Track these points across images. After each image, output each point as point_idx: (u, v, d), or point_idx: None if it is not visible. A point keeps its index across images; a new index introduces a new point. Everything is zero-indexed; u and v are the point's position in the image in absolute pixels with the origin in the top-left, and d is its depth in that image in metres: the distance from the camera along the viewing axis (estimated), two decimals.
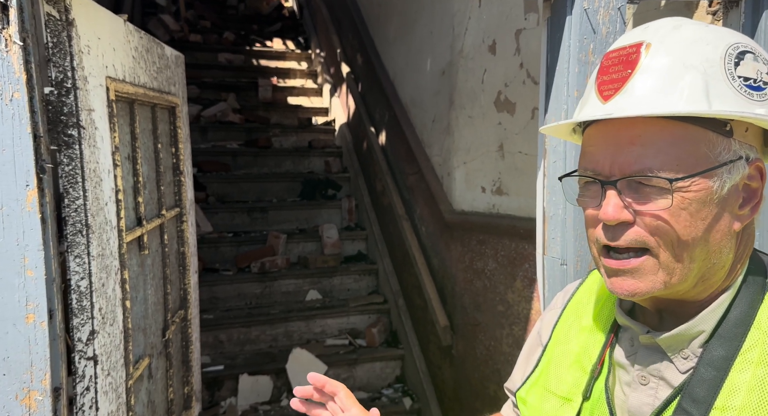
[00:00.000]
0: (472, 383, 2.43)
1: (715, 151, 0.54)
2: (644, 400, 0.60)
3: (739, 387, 0.53)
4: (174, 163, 1.81)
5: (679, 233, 0.54)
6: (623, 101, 0.55)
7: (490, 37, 2.26)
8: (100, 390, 1.16)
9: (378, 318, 3.32)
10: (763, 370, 0.53)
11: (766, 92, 0.54)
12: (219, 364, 2.96)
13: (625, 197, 0.55)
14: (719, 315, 0.57)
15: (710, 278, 0.57)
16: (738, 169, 0.54)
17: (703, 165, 0.53)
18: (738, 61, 0.54)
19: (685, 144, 0.53)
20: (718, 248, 0.55)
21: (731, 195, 0.55)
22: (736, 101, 0.53)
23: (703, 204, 0.54)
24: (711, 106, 0.53)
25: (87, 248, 1.10)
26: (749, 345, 0.55)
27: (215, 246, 3.52)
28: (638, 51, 0.56)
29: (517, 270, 2.08)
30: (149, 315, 1.56)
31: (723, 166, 0.54)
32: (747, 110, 0.53)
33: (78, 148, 1.05)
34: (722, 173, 0.54)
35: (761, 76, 0.54)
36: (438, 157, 2.81)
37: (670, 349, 0.59)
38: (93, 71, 1.10)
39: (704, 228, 0.54)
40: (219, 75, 4.96)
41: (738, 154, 0.54)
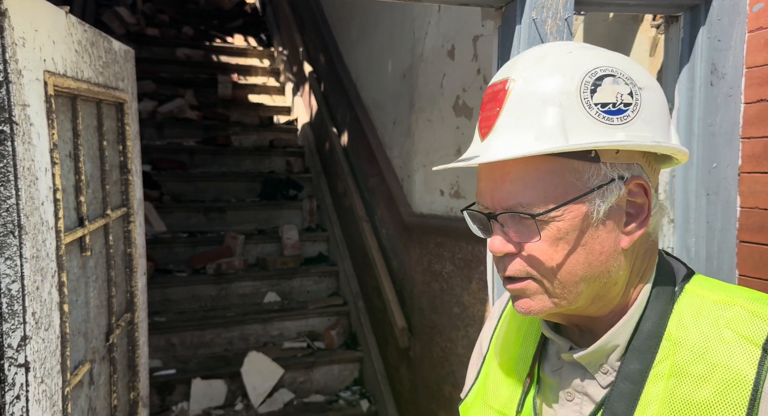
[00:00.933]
0: (429, 384, 2.44)
1: (582, 179, 0.54)
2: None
3: (652, 400, 0.54)
4: (121, 161, 1.74)
5: (559, 261, 0.55)
6: (493, 140, 0.56)
7: (449, 42, 2.27)
8: (32, 399, 1.10)
9: (337, 320, 3.29)
10: (672, 382, 0.54)
11: (627, 114, 0.54)
12: (171, 368, 2.88)
13: (509, 230, 0.56)
14: (631, 328, 0.57)
15: (605, 296, 0.58)
16: (612, 191, 0.54)
17: (572, 193, 0.54)
18: (595, 87, 0.54)
19: (550, 177, 0.54)
20: (604, 269, 0.56)
21: (612, 215, 0.55)
22: (594, 130, 0.53)
23: (580, 231, 0.54)
24: (568, 140, 0.53)
25: (19, 250, 1.04)
26: (661, 357, 0.55)
27: (169, 246, 3.42)
28: (504, 88, 0.56)
29: (472, 273, 2.10)
30: (91, 318, 1.49)
31: (593, 191, 0.54)
32: (604, 139, 0.53)
33: (10, 144, 0.99)
34: (594, 198, 0.54)
35: (620, 98, 0.54)
36: (399, 159, 2.81)
37: (590, 366, 0.59)
38: (28, 64, 1.04)
39: (586, 253, 0.55)
40: (177, 70, 4.83)
41: (610, 177, 0.54)
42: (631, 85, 0.54)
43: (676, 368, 0.54)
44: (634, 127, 0.54)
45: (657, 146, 0.54)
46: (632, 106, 0.54)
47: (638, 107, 0.54)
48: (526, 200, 0.54)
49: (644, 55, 1.47)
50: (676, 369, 0.54)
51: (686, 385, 0.53)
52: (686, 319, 0.56)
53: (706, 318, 0.55)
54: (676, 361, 0.54)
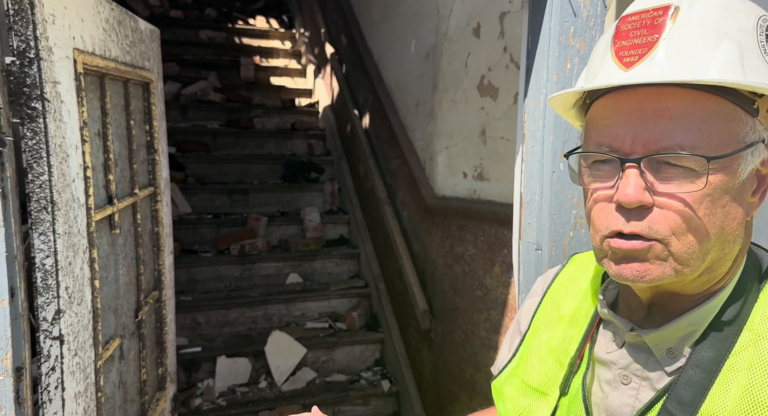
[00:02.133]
0: (450, 366, 2.45)
1: (743, 131, 0.49)
2: (625, 401, 0.56)
3: (727, 392, 0.50)
4: (148, 140, 1.77)
5: (701, 221, 0.49)
6: (649, 69, 0.49)
7: (475, 20, 2.23)
8: (66, 371, 1.14)
9: (359, 302, 3.32)
10: (751, 376, 0.49)
11: None
12: (197, 346, 2.94)
13: (650, 177, 0.50)
14: (714, 313, 0.53)
15: (716, 270, 0.53)
16: (759, 152, 0.50)
17: (733, 145, 0.49)
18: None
19: (717, 120, 0.48)
20: (731, 237, 0.51)
21: (747, 180, 0.51)
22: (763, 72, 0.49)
23: (725, 190, 0.49)
24: (746, 77, 0.48)
25: (52, 225, 1.06)
26: (740, 347, 0.51)
27: (194, 227, 3.47)
28: (665, 14, 0.50)
29: (496, 256, 2.09)
30: (121, 295, 1.53)
31: (748, 147, 0.49)
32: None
33: (42, 121, 1.01)
34: (747, 155, 0.50)
35: None
36: (421, 141, 2.79)
37: (657, 348, 0.55)
38: (58, 42, 1.06)
39: (723, 216, 0.50)
40: (200, 52, 4.85)
41: (761, 136, 0.50)
42: None
43: (755, 361, 0.49)
44: None
45: None
46: None
47: None
48: (689, 142, 0.48)
49: None
50: (755, 362, 0.49)
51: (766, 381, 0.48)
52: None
53: None
54: (757, 354, 0.49)
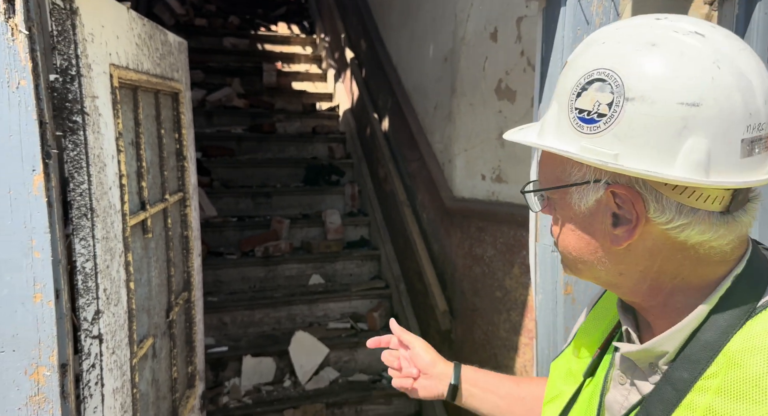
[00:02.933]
0: None
1: (566, 173, 0.57)
2: (617, 398, 0.61)
3: (693, 410, 0.52)
4: (177, 148, 1.84)
5: (557, 235, 0.61)
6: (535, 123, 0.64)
7: (492, 25, 2.25)
8: (105, 368, 1.21)
9: (379, 302, 3.36)
10: (717, 400, 0.50)
11: (598, 125, 0.51)
12: (223, 346, 3.03)
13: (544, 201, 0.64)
14: (682, 337, 0.55)
15: (619, 286, 0.59)
16: (587, 192, 0.55)
17: (556, 182, 0.59)
18: (581, 91, 0.53)
19: (549, 164, 0.59)
20: (595, 258, 0.58)
21: (597, 213, 0.56)
22: (566, 134, 0.54)
23: (569, 217, 0.58)
24: (544, 138, 0.57)
25: (92, 231, 1.13)
26: (712, 371, 0.52)
27: (220, 230, 3.56)
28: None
29: (515, 257, 2.11)
30: (153, 296, 1.60)
31: (571, 186, 0.56)
32: (563, 146, 0.54)
33: (82, 133, 1.08)
34: (572, 192, 0.57)
35: (597, 107, 0.51)
36: (439, 144, 2.82)
37: (639, 362, 0.59)
38: (97, 59, 1.13)
39: (576, 238, 0.58)
40: (224, 59, 4.97)
41: (586, 179, 0.55)
42: (617, 94, 0.50)
43: (725, 386, 0.50)
44: (601, 141, 0.51)
45: (603, 165, 0.51)
46: (606, 117, 0.51)
47: (613, 120, 0.50)
48: (540, 179, 0.62)
49: None
50: (725, 387, 0.50)
51: (731, 406, 0.49)
52: (756, 339, 0.51)
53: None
54: (728, 380, 0.50)
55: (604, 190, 0.54)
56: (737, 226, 0.53)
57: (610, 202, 0.54)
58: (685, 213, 0.52)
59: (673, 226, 0.52)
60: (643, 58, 0.50)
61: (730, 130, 0.49)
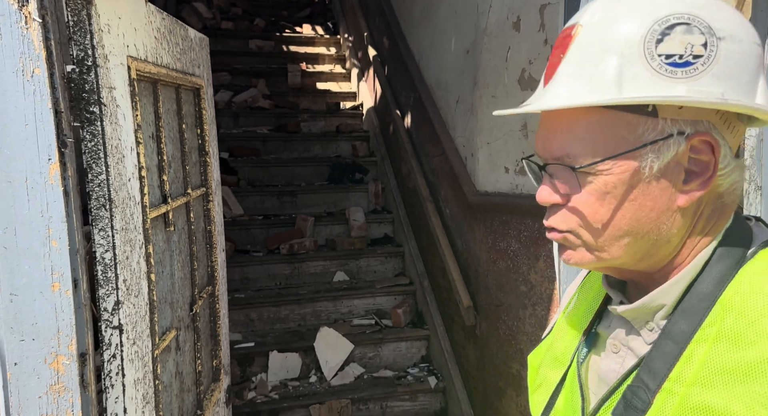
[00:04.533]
0: (496, 363, 2.43)
1: (635, 133, 0.53)
2: (612, 367, 0.61)
3: (693, 360, 0.53)
4: (199, 143, 1.86)
5: (603, 215, 0.55)
6: (552, 88, 0.55)
7: (515, 14, 2.21)
8: (126, 358, 1.22)
9: (404, 299, 3.34)
10: (716, 347, 0.52)
11: (695, 66, 0.50)
12: (250, 341, 3.06)
13: (557, 181, 0.57)
14: (680, 289, 0.56)
15: (655, 254, 0.56)
16: (669, 147, 0.52)
17: (621, 147, 0.53)
18: (662, 37, 0.51)
19: (600, 129, 0.53)
20: (654, 226, 0.55)
21: (669, 172, 0.53)
22: (653, 83, 0.51)
23: (629, 185, 0.54)
24: (621, 92, 0.51)
25: (110, 222, 1.14)
26: (710, 320, 0.53)
27: (246, 228, 3.61)
28: (570, 34, 0.55)
29: (539, 251, 2.06)
30: (176, 289, 1.62)
31: (646, 146, 0.52)
32: (659, 93, 0.51)
33: (100, 124, 1.09)
34: (646, 153, 0.53)
35: (690, 49, 0.50)
36: (462, 138, 2.78)
37: (635, 321, 0.59)
38: (114, 50, 1.14)
39: (634, 209, 0.54)
40: (250, 61, 5.03)
41: (667, 132, 0.52)
42: (708, 35, 0.50)
43: (723, 332, 0.52)
44: (702, 82, 0.50)
45: (722, 103, 0.50)
46: (703, 58, 0.50)
47: (711, 60, 0.50)
48: (574, 152, 0.54)
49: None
50: (722, 333, 0.52)
51: (729, 349, 0.50)
52: (749, 285, 0.52)
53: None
54: (725, 326, 0.52)
55: (686, 141, 0.52)
56: (741, 171, 0.56)
57: (684, 156, 0.53)
58: (732, 157, 0.54)
59: (727, 171, 0.54)
60: (711, 2, 0.52)
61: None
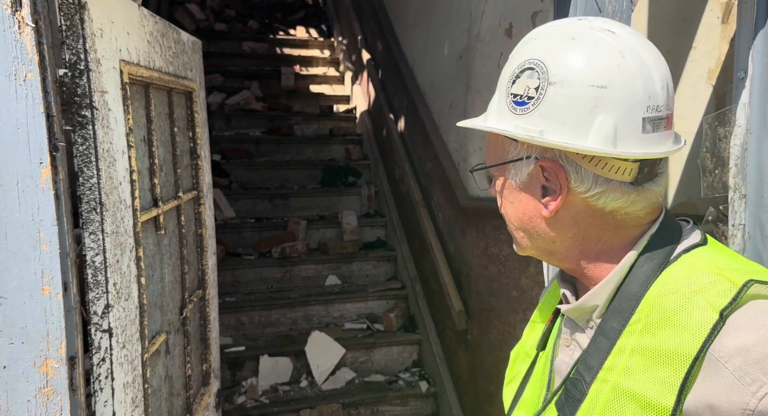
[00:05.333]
0: (487, 367, 2.44)
1: (504, 152, 0.67)
2: (565, 359, 0.69)
3: (623, 351, 0.60)
4: (191, 146, 1.86)
5: (502, 208, 0.70)
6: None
7: (507, 20, 2.23)
8: (115, 362, 1.22)
9: (396, 303, 3.34)
10: (641, 339, 0.59)
11: (528, 106, 0.61)
12: (241, 345, 3.05)
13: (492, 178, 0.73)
14: (608, 290, 0.64)
15: (553, 252, 0.67)
16: (521, 166, 0.65)
17: (497, 160, 0.68)
18: (516, 79, 0.63)
19: (492, 146, 0.69)
20: (531, 226, 0.67)
21: (530, 186, 0.65)
22: (504, 116, 0.64)
23: (508, 190, 0.68)
24: (487, 121, 0.67)
25: (101, 225, 1.14)
26: (637, 317, 0.61)
27: (238, 231, 3.59)
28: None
29: (530, 256, 2.07)
30: (166, 293, 1.62)
31: (507, 163, 0.66)
32: (499, 126, 0.64)
33: (91, 128, 1.09)
34: (510, 168, 0.66)
35: (527, 91, 0.61)
36: (454, 142, 2.79)
37: (578, 320, 0.68)
38: (106, 54, 1.14)
39: (514, 209, 0.68)
40: (243, 63, 5.02)
41: (521, 155, 0.64)
42: (543, 80, 0.60)
43: (647, 326, 0.59)
44: (529, 120, 0.61)
45: (531, 139, 0.61)
46: (534, 99, 0.61)
47: (539, 101, 0.60)
48: (486, 160, 0.71)
49: (716, 22, 1.37)
50: (646, 327, 0.59)
51: (651, 341, 0.58)
52: (668, 285, 0.60)
53: (686, 286, 0.58)
54: (649, 321, 0.59)
55: (534, 164, 0.63)
56: (648, 195, 0.63)
57: (539, 175, 0.64)
58: (600, 183, 0.61)
59: (591, 195, 0.62)
60: (564, 49, 0.61)
61: (633, 110, 0.59)
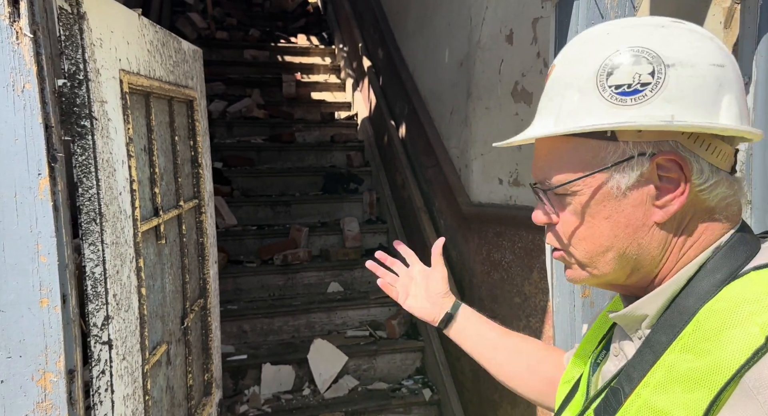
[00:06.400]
0: (490, 375, 2.41)
1: (598, 156, 0.57)
2: (610, 369, 0.66)
3: (662, 366, 0.56)
4: (192, 155, 1.85)
5: (585, 232, 0.59)
6: (535, 122, 0.63)
7: (507, 27, 2.22)
8: (115, 374, 1.21)
9: (398, 310, 3.32)
10: (680, 356, 0.54)
11: (644, 93, 0.55)
12: (243, 354, 3.03)
13: (546, 203, 0.62)
14: (661, 301, 0.59)
15: (642, 268, 0.59)
16: (633, 167, 0.56)
17: (588, 169, 0.58)
18: (612, 70, 0.56)
19: (568, 155, 0.59)
20: (632, 240, 0.58)
21: (639, 190, 0.57)
22: (605, 111, 0.56)
23: (602, 203, 0.58)
24: (578, 122, 0.57)
25: (101, 236, 1.13)
26: (684, 333, 0.56)
27: (240, 238, 3.59)
28: (549, 72, 0.62)
29: (534, 262, 2.05)
30: (167, 303, 1.60)
31: (609, 167, 0.57)
32: (611, 120, 0.55)
33: (91, 138, 1.08)
34: (611, 173, 0.57)
35: (638, 78, 0.55)
36: (456, 149, 2.79)
37: (626, 328, 0.63)
38: (105, 63, 1.14)
39: (610, 226, 0.58)
40: (244, 71, 5.03)
41: (628, 154, 0.56)
42: (656, 64, 0.54)
43: (687, 344, 0.54)
44: (651, 107, 0.54)
45: (665, 125, 0.54)
46: (651, 85, 0.54)
47: (659, 86, 0.54)
48: (550, 175, 0.60)
49: (719, 27, 1.37)
50: (687, 345, 0.54)
51: (687, 359, 0.53)
52: (723, 302, 0.54)
53: (742, 305, 0.52)
54: (692, 338, 0.54)
55: (650, 161, 0.56)
56: (742, 188, 0.59)
57: (652, 174, 0.56)
58: (714, 172, 0.56)
59: (707, 186, 0.56)
60: (662, 35, 0.55)
61: (741, 90, 0.57)
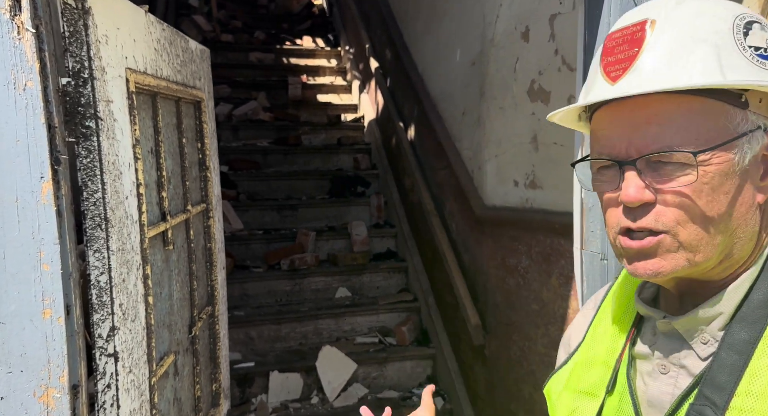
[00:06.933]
0: (506, 384, 2.34)
1: (733, 123, 0.53)
2: (664, 389, 0.58)
3: (761, 373, 0.50)
4: (200, 158, 1.80)
5: (703, 209, 0.52)
6: (633, 80, 0.54)
7: (523, 24, 2.16)
8: (121, 388, 1.15)
9: (408, 316, 3.26)
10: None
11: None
12: (250, 361, 2.97)
13: (645, 177, 0.54)
14: (740, 295, 0.54)
15: (735, 254, 0.55)
16: (757, 139, 0.53)
17: (723, 137, 0.52)
18: (747, 31, 0.53)
19: (703, 118, 0.52)
20: (742, 221, 0.54)
21: (752, 166, 0.54)
22: (749, 71, 0.52)
23: (726, 177, 0.52)
24: (726, 77, 0.52)
25: (106, 242, 1.07)
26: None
27: (246, 243, 3.53)
28: (643, 29, 0.55)
29: (552, 268, 1.99)
30: (174, 311, 1.54)
31: (742, 136, 0.52)
32: (761, 79, 0.52)
33: (96, 139, 1.03)
34: (742, 144, 0.53)
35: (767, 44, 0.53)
36: (468, 150, 2.72)
37: (688, 334, 0.56)
38: (111, 61, 1.08)
39: (728, 202, 0.53)
40: (250, 74, 4.99)
41: (756, 124, 0.53)
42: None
43: None
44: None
45: None
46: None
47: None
48: (678, 141, 0.52)
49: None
50: None
51: None
52: None
53: None
54: None
55: (765, 136, 0.54)
56: None
57: (762, 150, 0.54)
58: None
59: None
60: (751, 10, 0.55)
61: None
